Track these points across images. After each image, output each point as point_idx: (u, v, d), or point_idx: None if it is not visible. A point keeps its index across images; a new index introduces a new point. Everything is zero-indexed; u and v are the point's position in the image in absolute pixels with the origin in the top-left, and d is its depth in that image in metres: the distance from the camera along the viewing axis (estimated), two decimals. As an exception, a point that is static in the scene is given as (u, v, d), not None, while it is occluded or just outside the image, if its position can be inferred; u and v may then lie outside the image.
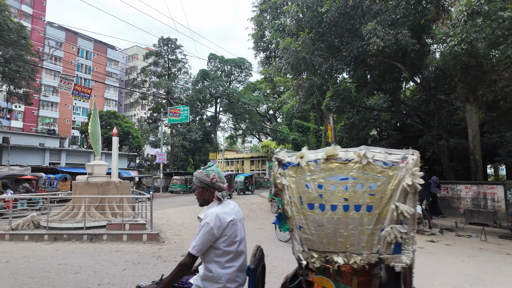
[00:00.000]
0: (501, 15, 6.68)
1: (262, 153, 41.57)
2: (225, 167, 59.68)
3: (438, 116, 13.64)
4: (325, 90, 16.47)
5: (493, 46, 7.94)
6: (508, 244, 8.49)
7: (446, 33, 8.29)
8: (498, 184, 11.46)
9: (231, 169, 56.73)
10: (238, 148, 77.24)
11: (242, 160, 59.04)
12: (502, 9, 6.86)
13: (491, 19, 7.09)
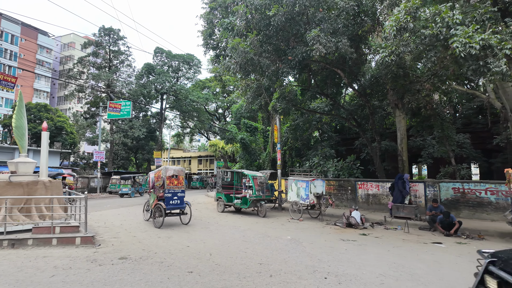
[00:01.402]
0: (423, 32, 7.60)
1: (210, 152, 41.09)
2: (171, 166, 57.76)
3: (372, 120, 14.94)
4: (272, 91, 16.94)
5: (417, 59, 9.00)
6: (425, 234, 9.65)
7: (380, 44, 9.15)
8: (419, 182, 12.94)
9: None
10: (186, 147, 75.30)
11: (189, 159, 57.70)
12: (424, 27, 7.80)
13: (415, 35, 8.02)
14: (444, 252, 7.51)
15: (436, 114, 12.17)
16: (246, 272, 5.68)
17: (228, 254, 6.93)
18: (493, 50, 6.84)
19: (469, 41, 6.83)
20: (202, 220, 12.06)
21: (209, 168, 53.25)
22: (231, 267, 5.97)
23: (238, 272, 5.67)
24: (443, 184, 12.18)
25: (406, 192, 11.20)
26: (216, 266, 6.08)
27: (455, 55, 7.05)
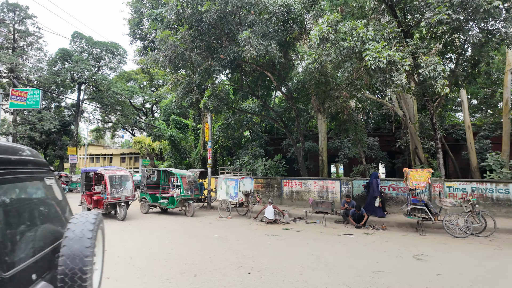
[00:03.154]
0: (342, 44, 8.41)
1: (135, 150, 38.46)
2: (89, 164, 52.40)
3: (297, 123, 15.91)
4: (204, 89, 16.72)
5: (337, 68, 9.92)
6: (340, 227, 10.67)
7: (305, 52, 9.79)
8: (335, 180, 14.26)
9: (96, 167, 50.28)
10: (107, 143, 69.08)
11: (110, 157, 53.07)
12: (343, 39, 8.64)
13: (336, 46, 8.83)
14: (354, 242, 8.42)
15: (351, 119, 13.59)
16: (169, 274, 5.50)
17: (151, 257, 6.61)
18: (397, 65, 7.94)
19: (378, 55, 7.81)
20: (123, 222, 11.24)
21: (134, 166, 49.87)
22: (153, 270, 5.71)
23: (161, 274, 5.46)
24: (355, 181, 13.65)
25: (377, 193, 11.54)
26: (136, 269, 5.75)
27: (367, 67, 7.98)
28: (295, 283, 5.13)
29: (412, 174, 10.03)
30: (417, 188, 9.87)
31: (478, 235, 9.05)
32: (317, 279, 5.33)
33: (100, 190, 12.12)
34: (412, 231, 9.97)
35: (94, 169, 12.41)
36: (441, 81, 7.72)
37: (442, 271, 5.83)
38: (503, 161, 13.18)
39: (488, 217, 9.27)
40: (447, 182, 12.07)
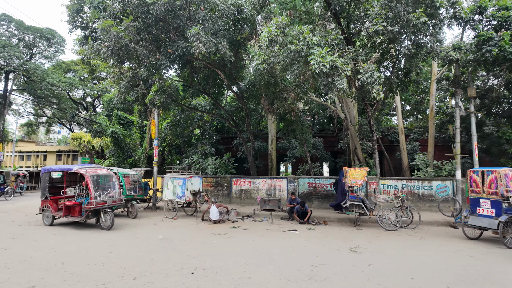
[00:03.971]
0: (289, 47, 8.71)
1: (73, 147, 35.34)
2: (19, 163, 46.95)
3: (248, 122, 16.07)
4: (151, 83, 16.00)
5: (285, 70, 10.25)
6: (285, 223, 11.03)
7: (255, 52, 9.93)
8: (282, 178, 14.72)
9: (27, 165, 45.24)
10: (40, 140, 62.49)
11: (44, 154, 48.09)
12: (291, 43, 8.95)
13: (284, 49, 9.11)
14: (297, 237, 8.78)
15: (298, 120, 14.16)
16: (106, 278, 5.18)
17: (86, 261, 6.15)
18: (338, 71, 8.46)
19: (322, 60, 8.24)
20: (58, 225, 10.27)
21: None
22: (89, 275, 5.33)
23: (97, 279, 5.11)
24: (301, 179, 14.25)
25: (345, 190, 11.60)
26: (69, 275, 5.31)
27: (312, 71, 8.36)
28: (238, 280, 5.18)
29: (350, 172, 10.77)
30: (355, 185, 10.62)
31: (406, 227, 10.04)
32: (260, 275, 5.44)
33: (74, 193, 10.16)
34: (350, 226, 10.70)
35: (65, 168, 10.35)
36: (377, 87, 8.42)
37: (374, 262, 6.35)
38: (428, 161, 14.83)
39: (415, 211, 10.36)
40: (381, 180, 13.19)
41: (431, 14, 9.04)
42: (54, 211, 9.91)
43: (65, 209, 9.72)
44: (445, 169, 13.68)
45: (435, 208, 12.24)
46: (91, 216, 9.54)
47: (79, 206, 9.62)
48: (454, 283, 5.16)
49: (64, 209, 9.72)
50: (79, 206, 9.62)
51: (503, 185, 7.96)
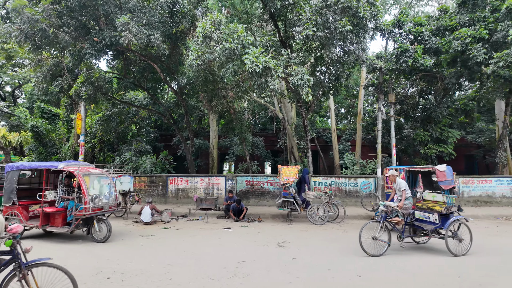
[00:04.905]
0: (224, 45, 8.68)
1: (-15, 142, 30.70)
2: None
3: (187, 119, 15.65)
4: (77, 73, 14.62)
5: (221, 67, 10.19)
6: (220, 222, 10.99)
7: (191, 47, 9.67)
8: (221, 177, 14.67)
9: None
10: None
11: None
12: (226, 40, 8.91)
13: (219, 46, 9.04)
14: (230, 235, 8.80)
15: (238, 119, 14.23)
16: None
17: None
18: (271, 72, 8.67)
19: (256, 60, 8.37)
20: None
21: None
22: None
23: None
24: (239, 177, 14.35)
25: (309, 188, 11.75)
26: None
27: (246, 70, 8.44)
28: (158, 282, 4.99)
29: (283, 170, 11.16)
30: (287, 183, 11.03)
31: (332, 222, 10.74)
32: (182, 276, 5.31)
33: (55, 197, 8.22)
34: (283, 222, 11.09)
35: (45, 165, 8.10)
36: (306, 89, 8.84)
37: (298, 255, 6.64)
38: (355, 160, 16.09)
39: (341, 206, 11.15)
40: (313, 177, 13.93)
41: (357, 23, 9.79)
42: (24, 220, 7.81)
43: (43, 217, 7.69)
44: (369, 167, 14.99)
45: (359, 203, 13.31)
46: (81, 226, 7.72)
47: (63, 214, 7.81)
48: (363, 270, 5.64)
49: (42, 218, 7.67)
50: (63, 213, 7.82)
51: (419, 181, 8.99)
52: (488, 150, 18.89)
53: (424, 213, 7.15)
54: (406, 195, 6.88)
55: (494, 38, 11.40)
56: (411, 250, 7.07)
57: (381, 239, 6.54)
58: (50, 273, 3.64)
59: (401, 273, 5.56)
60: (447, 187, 6.84)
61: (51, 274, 3.64)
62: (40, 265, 3.57)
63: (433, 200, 7.34)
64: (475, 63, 11.28)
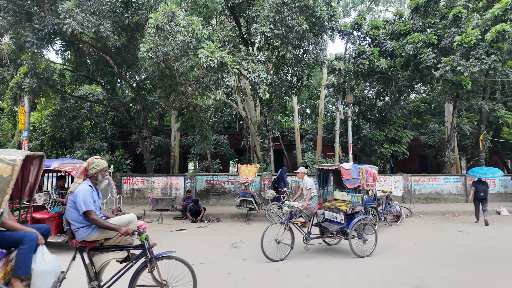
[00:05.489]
0: (178, 38, 8.30)
1: None
2: None
3: (144, 115, 14.94)
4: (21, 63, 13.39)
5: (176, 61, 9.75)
6: (176, 223, 10.56)
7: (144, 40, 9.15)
8: (180, 176, 14.16)
9: None
10: None
11: None
12: (181, 33, 8.52)
13: (173, 39, 8.64)
14: (183, 237, 8.45)
15: (198, 116, 13.82)
16: None
17: None
18: (228, 68, 8.43)
19: (211, 55, 8.08)
20: None
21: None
22: None
23: None
24: (199, 177, 13.97)
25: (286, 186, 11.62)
26: None
27: (201, 65, 8.13)
28: (90, 292, 4.56)
29: (243, 169, 10.99)
30: (246, 181, 10.88)
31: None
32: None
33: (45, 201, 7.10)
34: (241, 221, 10.91)
35: None
36: (263, 87, 8.73)
37: (250, 256, 6.49)
38: (315, 159, 16.34)
39: (299, 205, 11.17)
40: (274, 176, 13.89)
41: (315, 23, 9.85)
42: None
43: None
44: (328, 166, 15.27)
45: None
46: None
47: (57, 220, 6.81)
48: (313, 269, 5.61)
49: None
50: (58, 220, 6.83)
51: (364, 179, 9.18)
52: (439, 150, 20.10)
53: (332, 213, 6.88)
54: (312, 194, 6.58)
55: (442, 43, 12.07)
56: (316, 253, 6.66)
57: (284, 242, 6.13)
58: (172, 265, 3.83)
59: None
60: (352, 186, 6.66)
61: (173, 266, 3.82)
62: (166, 258, 3.77)
63: (342, 199, 7.09)
64: (425, 67, 11.86)
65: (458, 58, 10.97)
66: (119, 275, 3.60)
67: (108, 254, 3.53)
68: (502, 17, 10.20)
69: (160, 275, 3.68)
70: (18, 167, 2.83)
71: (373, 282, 5.04)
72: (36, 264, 2.96)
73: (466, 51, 10.84)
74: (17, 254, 2.93)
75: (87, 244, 3.41)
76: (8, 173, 2.79)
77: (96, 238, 3.40)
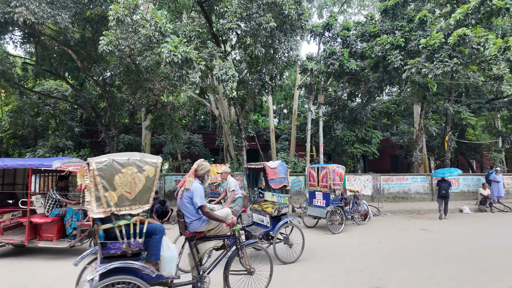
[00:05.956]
0: (140, 31, 7.94)
1: None
2: None
3: (110, 113, 14.34)
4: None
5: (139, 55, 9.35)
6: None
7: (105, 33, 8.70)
8: (148, 176, 13.65)
9: None
10: None
11: None
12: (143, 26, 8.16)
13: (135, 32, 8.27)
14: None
15: (167, 114, 13.41)
16: None
17: None
18: (193, 64, 8.16)
19: (174, 50, 7.79)
20: None
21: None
22: None
23: None
24: (168, 177, 13.56)
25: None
26: None
27: (164, 60, 7.82)
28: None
29: (212, 169, 10.72)
30: (215, 181, 10.62)
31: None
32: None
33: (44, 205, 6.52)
34: (209, 222, 10.65)
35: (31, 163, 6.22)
36: (231, 85, 8.52)
37: (209, 257, 6.25)
38: (287, 158, 16.34)
39: (268, 205, 11.05)
40: (245, 176, 13.74)
41: (284, 21, 9.77)
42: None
43: (30, 229, 6.15)
44: (299, 165, 15.31)
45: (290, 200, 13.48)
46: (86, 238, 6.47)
47: (58, 224, 6.37)
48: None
49: (29, 230, 6.14)
50: (59, 224, 6.39)
51: (331, 179, 9.19)
52: (408, 151, 20.70)
53: (260, 216, 6.37)
54: (236, 196, 6.18)
55: (409, 46, 12.37)
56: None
57: None
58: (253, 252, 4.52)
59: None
60: (277, 186, 6.15)
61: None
62: (251, 245, 4.41)
63: (272, 200, 6.55)
64: (393, 69, 12.10)
65: (424, 61, 11.26)
66: (217, 260, 4.03)
67: (210, 242, 4.10)
68: (464, 21, 10.57)
69: (247, 261, 4.12)
70: (159, 168, 3.40)
71: (333, 283, 4.98)
72: (164, 251, 3.52)
73: (430, 54, 11.14)
74: (151, 243, 3.48)
75: (196, 234, 3.95)
76: (152, 174, 3.31)
77: (204, 229, 3.95)
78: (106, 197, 3.06)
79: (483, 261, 6.13)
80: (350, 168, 16.11)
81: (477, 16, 10.48)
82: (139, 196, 3.23)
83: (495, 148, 18.82)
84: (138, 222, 3.26)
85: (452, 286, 4.91)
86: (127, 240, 3.21)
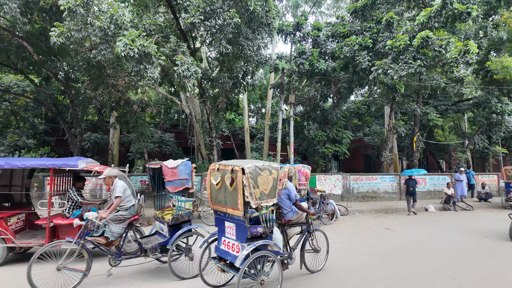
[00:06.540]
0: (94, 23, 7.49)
1: None
2: None
3: (73, 110, 13.62)
4: None
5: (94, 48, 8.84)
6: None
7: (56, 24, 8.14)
8: (111, 176, 13.08)
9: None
10: None
11: None
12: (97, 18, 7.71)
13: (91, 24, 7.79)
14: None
15: (133, 112, 12.89)
16: None
17: None
18: (151, 59, 7.80)
19: (131, 44, 7.40)
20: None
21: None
22: None
23: None
24: (133, 177, 13.03)
25: None
26: None
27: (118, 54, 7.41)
28: None
29: (178, 169, 10.37)
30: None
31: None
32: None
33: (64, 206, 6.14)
34: (173, 224, 10.30)
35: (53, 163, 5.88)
36: (192, 81, 8.22)
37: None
38: (261, 158, 16.19)
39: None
40: (214, 176, 13.44)
41: (251, 18, 9.57)
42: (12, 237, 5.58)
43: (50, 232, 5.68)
44: (271, 165, 15.17)
45: (260, 201, 13.32)
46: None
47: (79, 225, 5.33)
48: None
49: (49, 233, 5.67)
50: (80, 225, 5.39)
51: (296, 179, 9.09)
52: (380, 151, 21.12)
53: (161, 224, 5.51)
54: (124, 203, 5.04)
55: (377, 47, 12.51)
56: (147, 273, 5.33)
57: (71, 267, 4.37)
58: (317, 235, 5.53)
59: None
60: (176, 189, 5.31)
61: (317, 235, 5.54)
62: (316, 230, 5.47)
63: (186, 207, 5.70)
64: (361, 69, 12.20)
65: (390, 62, 11.41)
66: (298, 241, 5.21)
67: (294, 228, 5.30)
68: (427, 24, 10.79)
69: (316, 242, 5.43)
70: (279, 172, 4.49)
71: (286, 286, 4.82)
72: (275, 234, 4.53)
73: (396, 55, 11.30)
74: None
75: (288, 222, 5.08)
76: (276, 175, 4.31)
77: (293, 218, 5.08)
78: (254, 193, 3.96)
79: (439, 261, 6.19)
80: (322, 168, 16.17)
81: (439, 19, 10.72)
82: (270, 192, 4.19)
83: (460, 149, 19.51)
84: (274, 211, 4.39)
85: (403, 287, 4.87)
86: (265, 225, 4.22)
